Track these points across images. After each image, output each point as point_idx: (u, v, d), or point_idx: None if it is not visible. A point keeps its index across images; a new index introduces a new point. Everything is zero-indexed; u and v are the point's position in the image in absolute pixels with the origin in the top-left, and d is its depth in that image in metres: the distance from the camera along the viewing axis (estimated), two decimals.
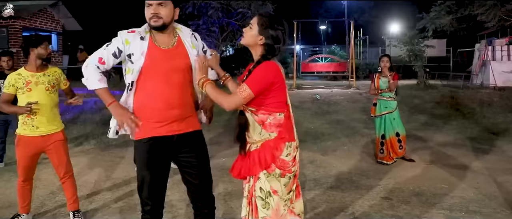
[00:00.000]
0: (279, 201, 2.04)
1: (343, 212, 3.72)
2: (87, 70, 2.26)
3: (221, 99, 2.01)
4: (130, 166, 5.44)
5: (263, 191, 2.04)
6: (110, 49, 2.25)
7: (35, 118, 3.24)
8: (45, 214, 3.70)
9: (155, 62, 2.22)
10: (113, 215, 3.67)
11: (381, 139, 5.61)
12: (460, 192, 4.28)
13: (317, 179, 4.82)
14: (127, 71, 2.27)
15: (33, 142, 3.29)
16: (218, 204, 3.14)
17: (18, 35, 13.90)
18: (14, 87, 3.24)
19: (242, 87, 1.96)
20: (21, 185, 3.41)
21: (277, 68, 2.03)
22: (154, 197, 2.29)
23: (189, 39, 2.37)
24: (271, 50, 2.06)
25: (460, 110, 9.66)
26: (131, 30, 2.28)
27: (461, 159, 5.77)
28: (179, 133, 2.29)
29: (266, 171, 2.02)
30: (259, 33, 2.05)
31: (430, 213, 3.69)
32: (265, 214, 2.04)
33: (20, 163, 3.34)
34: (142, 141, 2.25)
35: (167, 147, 2.28)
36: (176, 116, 2.26)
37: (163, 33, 2.27)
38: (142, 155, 2.27)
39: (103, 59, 2.25)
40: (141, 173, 2.28)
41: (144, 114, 2.24)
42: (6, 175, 5.06)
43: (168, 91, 2.22)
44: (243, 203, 2.18)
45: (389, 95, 5.58)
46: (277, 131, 2.04)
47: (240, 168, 2.14)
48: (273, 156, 2.01)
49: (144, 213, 2.32)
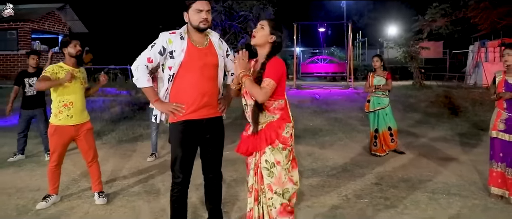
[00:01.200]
0: (281, 170, 2.48)
1: (337, 194, 4.15)
2: (138, 71, 2.69)
3: (255, 92, 2.39)
4: (142, 158, 5.89)
5: (268, 162, 2.47)
6: (156, 49, 2.67)
7: (71, 108, 3.69)
8: (71, 196, 4.14)
9: (192, 58, 2.68)
10: (132, 196, 4.11)
11: (375, 133, 6.05)
12: (444, 178, 4.72)
13: (314, 169, 5.25)
14: (168, 66, 2.69)
15: (66, 131, 3.74)
16: (225, 189, 3.59)
17: (27, 37, 14.37)
18: (56, 75, 3.66)
19: (266, 81, 2.38)
20: (52, 169, 3.85)
21: (283, 63, 2.51)
22: (184, 170, 2.75)
23: (217, 41, 2.83)
24: (278, 47, 2.52)
25: (452, 108, 10.10)
26: (172, 32, 2.73)
27: (448, 151, 6.20)
28: (207, 117, 2.75)
29: (271, 146, 2.47)
30: (270, 33, 2.50)
31: (415, 195, 4.12)
32: (270, 181, 2.48)
33: (55, 151, 3.78)
34: (177, 123, 2.71)
35: (197, 129, 2.74)
36: (206, 103, 2.72)
37: (200, 34, 2.73)
38: (177, 135, 2.72)
39: (151, 58, 2.68)
40: (175, 151, 2.74)
41: (180, 101, 2.69)
42: (29, 165, 5.49)
43: (201, 82, 2.69)
44: (250, 174, 2.61)
45: (382, 93, 6.03)
46: (279, 114, 2.50)
47: (247, 146, 2.57)
48: (277, 134, 2.46)
49: (175, 185, 2.77)
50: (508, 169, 3.94)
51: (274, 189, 2.48)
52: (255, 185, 2.56)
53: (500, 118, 4.03)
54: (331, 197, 4.07)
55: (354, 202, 3.92)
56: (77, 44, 3.78)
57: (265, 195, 2.50)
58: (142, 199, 4.03)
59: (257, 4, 12.81)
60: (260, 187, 2.53)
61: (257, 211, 2.55)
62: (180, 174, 2.74)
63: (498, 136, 4.03)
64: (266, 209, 2.51)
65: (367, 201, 3.95)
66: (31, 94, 5.80)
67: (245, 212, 2.74)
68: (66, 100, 3.72)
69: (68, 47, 3.76)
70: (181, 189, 2.78)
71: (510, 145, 3.94)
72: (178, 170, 2.74)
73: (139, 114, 9.73)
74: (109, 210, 3.71)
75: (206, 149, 2.84)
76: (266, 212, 2.51)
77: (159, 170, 5.16)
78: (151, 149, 5.93)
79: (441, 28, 14.39)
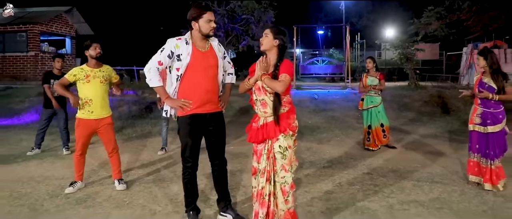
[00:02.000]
0: (291, 153, 3.00)
1: (331, 182, 4.63)
2: (150, 73, 3.14)
3: (276, 86, 2.86)
4: (152, 152, 6.38)
5: (281, 147, 2.96)
6: (165, 53, 3.12)
7: (91, 104, 4.18)
8: (93, 183, 4.62)
9: (197, 60, 3.14)
10: (147, 183, 4.59)
11: (368, 129, 6.53)
12: (429, 169, 5.20)
13: (312, 161, 5.72)
14: (176, 68, 3.15)
15: (89, 124, 4.23)
16: (230, 177, 4.06)
17: (36, 39, 14.86)
18: (75, 77, 4.16)
19: (283, 76, 2.87)
20: (78, 158, 4.34)
21: (292, 64, 3.03)
22: (193, 156, 3.23)
23: (217, 45, 3.31)
24: (283, 49, 3.01)
25: (445, 107, 10.57)
26: (178, 38, 3.19)
27: (437, 147, 6.68)
28: (210, 112, 3.23)
29: (283, 134, 2.96)
30: (274, 38, 2.99)
31: (401, 183, 4.60)
32: (283, 162, 2.97)
33: (79, 140, 4.27)
34: (185, 117, 3.19)
35: (202, 121, 3.22)
36: (209, 99, 3.20)
37: (203, 40, 3.20)
38: (185, 127, 3.20)
39: (161, 61, 3.13)
40: (185, 140, 3.21)
41: (187, 97, 3.16)
42: (49, 158, 5.97)
43: (205, 81, 3.16)
44: (262, 158, 3.04)
45: (375, 92, 6.52)
46: (288, 107, 3.01)
47: (261, 135, 3.01)
48: (288, 123, 2.96)
49: (186, 169, 3.26)
50: (482, 159, 4.42)
51: (286, 168, 2.98)
52: (267, 167, 3.02)
53: (476, 113, 4.51)
54: (326, 184, 4.54)
55: (346, 188, 4.40)
56: (97, 47, 4.25)
57: (278, 175, 2.99)
58: (157, 185, 4.51)
59: (258, 7, 13.29)
60: (273, 168, 3.01)
61: (268, 189, 3.02)
62: (190, 159, 3.23)
63: (474, 129, 4.51)
64: (279, 186, 3.00)
65: (358, 187, 4.42)
66: (54, 95, 6.26)
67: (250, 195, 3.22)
68: (86, 97, 4.20)
69: (89, 50, 4.24)
70: (191, 172, 3.27)
71: (484, 136, 4.42)
72: (188, 156, 3.22)
73: (146, 113, 10.20)
74: (129, 194, 4.19)
75: (210, 139, 3.31)
76: (279, 188, 3.00)
77: (170, 162, 5.65)
78: (162, 143, 6.42)
79: (436, 31, 14.87)
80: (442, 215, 3.59)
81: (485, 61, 4.43)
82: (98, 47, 4.29)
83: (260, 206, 3.02)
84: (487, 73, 4.44)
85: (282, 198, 3.00)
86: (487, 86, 4.40)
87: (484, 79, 4.43)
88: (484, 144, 4.44)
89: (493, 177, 4.33)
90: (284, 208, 3.01)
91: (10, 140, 7.49)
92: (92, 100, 4.19)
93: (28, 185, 4.55)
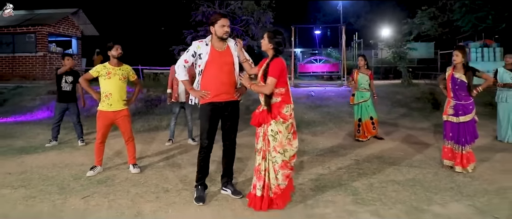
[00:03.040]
0: (282, 137, 3.56)
1: (321, 166, 5.22)
2: (179, 69, 3.87)
3: (262, 90, 3.52)
4: (161, 143, 6.96)
5: (273, 131, 3.55)
6: (189, 53, 3.82)
7: (110, 98, 4.77)
8: (110, 168, 5.20)
9: (214, 58, 3.77)
10: (159, 168, 5.18)
11: (358, 122, 7.12)
12: (411, 156, 5.79)
13: (306, 151, 6.30)
14: (198, 65, 3.82)
15: (107, 115, 4.82)
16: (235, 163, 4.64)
17: (44, 40, 15.45)
18: (98, 73, 4.76)
19: (269, 80, 3.46)
20: (98, 145, 4.93)
21: (283, 61, 3.59)
22: (209, 138, 3.85)
23: (233, 46, 3.91)
24: (278, 50, 3.61)
25: (435, 103, 11.14)
26: (200, 40, 3.87)
27: (422, 138, 7.26)
28: (226, 101, 3.85)
29: (274, 120, 3.54)
30: (268, 42, 3.60)
31: (383, 167, 5.18)
32: (274, 144, 3.56)
33: (99, 130, 4.86)
34: (206, 104, 3.82)
35: (218, 108, 3.84)
36: (225, 90, 3.81)
37: (220, 41, 3.81)
38: (205, 113, 3.82)
39: (187, 60, 3.84)
40: (204, 124, 3.84)
41: (207, 89, 3.79)
42: (67, 149, 6.56)
43: (221, 75, 3.78)
44: (259, 140, 3.66)
45: (364, 87, 7.10)
46: (281, 98, 3.58)
47: (258, 120, 3.63)
48: (278, 112, 3.54)
49: (202, 149, 3.87)
50: (455, 145, 5.01)
51: (277, 149, 3.56)
52: (263, 147, 3.63)
53: (449, 105, 5.09)
54: (317, 169, 5.13)
55: (334, 171, 4.99)
56: (118, 48, 4.85)
57: (270, 154, 3.59)
58: (168, 170, 5.10)
59: (258, 9, 13.87)
60: (267, 148, 3.60)
61: (264, 165, 3.61)
62: (207, 140, 3.83)
63: (448, 119, 5.09)
64: (271, 164, 3.59)
65: (345, 170, 5.01)
66: (66, 90, 6.87)
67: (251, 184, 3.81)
68: (107, 91, 4.80)
69: (111, 50, 4.83)
70: (206, 151, 3.88)
71: (457, 126, 5.00)
72: (205, 138, 3.84)
73: (152, 109, 10.79)
74: (144, 177, 4.78)
75: (225, 122, 3.94)
76: (271, 166, 3.59)
77: (178, 151, 6.24)
78: (169, 135, 7.01)
79: (429, 30, 15.45)
80: (415, 191, 4.17)
81: (463, 57, 4.98)
82: (119, 48, 4.88)
83: (257, 180, 3.62)
84: (458, 69, 5.01)
85: (273, 174, 3.59)
86: (460, 81, 4.98)
87: (456, 75, 5.00)
88: (456, 132, 5.02)
89: (463, 161, 4.91)
90: (274, 183, 3.60)
91: (27, 134, 8.07)
92: (112, 94, 4.78)
93: (53, 170, 5.14)
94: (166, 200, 3.95)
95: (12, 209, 3.75)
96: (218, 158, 4.59)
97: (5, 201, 3.95)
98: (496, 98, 7.18)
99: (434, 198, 3.94)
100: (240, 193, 3.96)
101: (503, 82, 6.85)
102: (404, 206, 3.72)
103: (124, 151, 5.72)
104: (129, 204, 3.82)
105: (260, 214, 3.53)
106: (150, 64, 17.61)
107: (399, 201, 3.85)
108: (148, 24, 26.37)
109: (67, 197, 4.04)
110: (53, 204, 3.86)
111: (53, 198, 4.02)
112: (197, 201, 3.80)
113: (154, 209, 3.70)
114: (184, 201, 3.91)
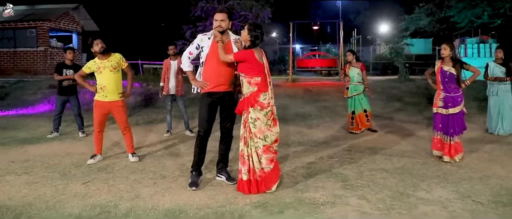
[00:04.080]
0: (261, 124, 3.74)
1: (314, 156, 5.39)
2: (184, 60, 4.12)
3: (222, 55, 3.82)
4: (159, 134, 7.13)
5: (252, 118, 3.75)
6: (194, 45, 4.06)
7: (105, 90, 4.93)
8: (110, 157, 5.38)
9: (214, 51, 3.96)
10: (157, 157, 5.35)
11: (352, 114, 7.29)
12: (402, 147, 5.96)
13: (301, 142, 6.48)
14: (200, 56, 4.04)
15: (103, 105, 4.99)
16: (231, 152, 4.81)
17: (45, 35, 15.62)
18: (90, 69, 4.95)
19: (230, 55, 3.82)
20: (97, 134, 5.11)
21: (251, 52, 3.77)
22: (207, 126, 4.04)
23: (234, 40, 4.09)
24: (254, 42, 3.80)
25: (430, 98, 11.28)
26: (204, 34, 4.10)
27: (414, 131, 7.43)
28: (224, 90, 4.05)
29: (252, 107, 3.74)
30: (248, 34, 3.78)
31: (374, 157, 5.35)
32: (254, 130, 3.75)
33: (96, 119, 5.04)
34: (206, 94, 4.02)
35: (218, 98, 4.04)
36: (223, 81, 4.02)
37: (221, 35, 3.97)
38: (204, 101, 4.03)
39: (191, 52, 4.08)
40: (202, 112, 4.04)
41: (207, 79, 4.00)
42: (68, 140, 6.74)
43: (219, 68, 3.97)
44: (241, 127, 3.86)
45: (358, 81, 7.27)
46: (257, 87, 3.75)
47: (239, 108, 3.86)
48: (255, 100, 3.73)
49: (199, 136, 4.07)
50: (444, 136, 5.17)
51: (258, 135, 3.76)
52: (245, 134, 3.83)
53: (439, 97, 5.26)
54: (309, 158, 5.30)
55: (326, 160, 5.17)
56: (98, 43, 4.90)
57: (253, 140, 3.78)
58: (166, 158, 5.28)
59: (256, 4, 13.99)
60: (249, 135, 3.79)
61: (246, 151, 3.81)
62: (204, 128, 4.04)
63: (438, 111, 5.26)
64: (254, 149, 3.78)
65: (336, 159, 5.19)
66: (67, 83, 7.03)
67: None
68: (101, 84, 4.97)
69: (93, 46, 4.94)
70: (203, 139, 4.07)
71: (446, 117, 5.17)
72: (203, 125, 4.04)
73: (150, 103, 10.94)
74: (142, 164, 4.96)
75: (223, 110, 4.15)
76: (254, 151, 3.78)
77: (175, 142, 6.41)
78: (167, 127, 7.19)
79: (427, 26, 15.58)
80: (402, 178, 4.34)
81: (451, 50, 5.14)
82: (100, 42, 4.93)
83: (242, 165, 3.84)
84: (447, 62, 5.17)
85: (257, 158, 3.79)
86: (449, 74, 5.14)
87: (445, 68, 5.16)
88: (445, 123, 5.19)
89: (451, 151, 5.08)
90: (258, 167, 3.79)
91: (29, 126, 8.25)
92: (106, 86, 4.95)
93: (54, 158, 5.32)
94: (163, 185, 4.12)
95: (16, 192, 3.93)
96: (214, 148, 4.76)
97: (10, 186, 4.13)
98: (487, 92, 7.34)
99: (421, 185, 4.11)
100: (234, 179, 4.14)
101: (494, 76, 7.01)
102: (390, 192, 3.89)
103: (122, 141, 5.90)
104: (127, 189, 4.00)
105: (251, 197, 3.71)
106: (149, 59, 17.77)
107: (386, 187, 4.02)
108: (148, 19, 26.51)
109: (68, 183, 4.22)
110: (55, 188, 4.04)
111: (55, 183, 4.19)
112: (190, 186, 3.98)
113: (152, 193, 3.88)
114: (180, 186, 4.09)
